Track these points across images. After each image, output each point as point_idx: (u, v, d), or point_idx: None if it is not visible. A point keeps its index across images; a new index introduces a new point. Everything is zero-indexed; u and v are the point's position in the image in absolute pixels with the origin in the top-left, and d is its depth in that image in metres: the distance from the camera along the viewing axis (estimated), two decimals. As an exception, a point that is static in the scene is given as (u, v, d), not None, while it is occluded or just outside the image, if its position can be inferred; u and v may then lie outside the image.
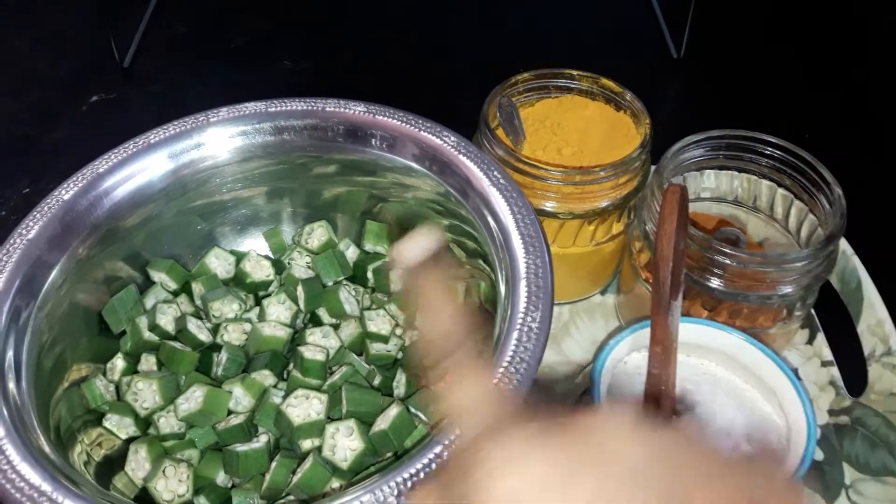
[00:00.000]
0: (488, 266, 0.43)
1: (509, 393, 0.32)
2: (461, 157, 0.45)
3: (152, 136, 0.47)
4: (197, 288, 0.49)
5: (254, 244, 0.53)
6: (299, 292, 0.49)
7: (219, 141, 0.48)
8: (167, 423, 0.43)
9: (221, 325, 0.47)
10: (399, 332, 0.47)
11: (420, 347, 0.26)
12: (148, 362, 0.45)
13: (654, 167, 0.49)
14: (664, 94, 0.82)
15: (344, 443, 0.41)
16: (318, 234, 0.51)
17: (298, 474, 0.40)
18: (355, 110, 0.48)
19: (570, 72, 0.54)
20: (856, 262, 0.54)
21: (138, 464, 0.41)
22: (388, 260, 0.48)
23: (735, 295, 0.45)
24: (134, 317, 0.46)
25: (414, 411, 0.42)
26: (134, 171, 0.46)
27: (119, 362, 0.45)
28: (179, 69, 0.84)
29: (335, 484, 0.40)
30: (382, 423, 0.41)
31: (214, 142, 0.48)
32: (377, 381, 0.45)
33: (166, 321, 0.46)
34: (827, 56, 0.86)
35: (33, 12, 0.92)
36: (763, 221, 0.52)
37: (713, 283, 0.45)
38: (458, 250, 0.48)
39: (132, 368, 0.46)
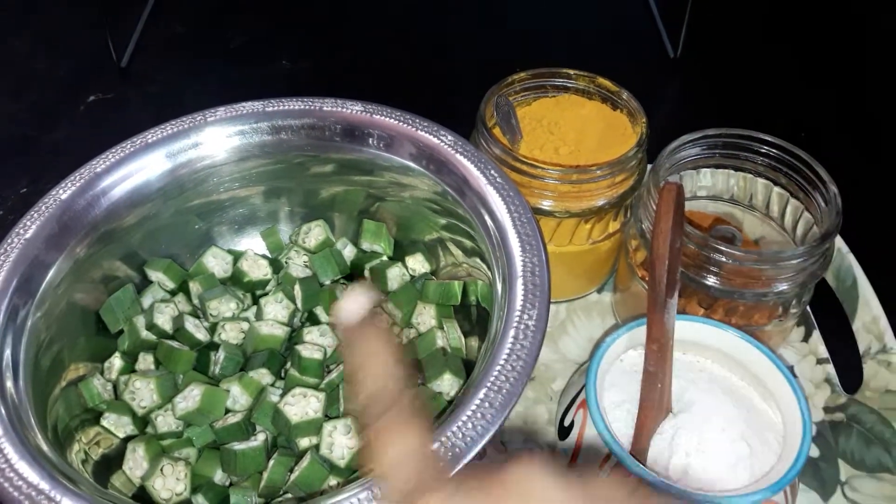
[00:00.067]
0: (485, 264, 0.43)
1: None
2: (458, 156, 0.45)
3: (150, 136, 0.47)
4: (194, 287, 0.49)
5: (251, 243, 0.53)
6: (296, 291, 0.49)
7: (216, 140, 0.48)
8: (165, 422, 0.43)
9: (219, 324, 0.47)
10: (396, 331, 0.48)
11: (357, 404, 0.26)
12: (145, 361, 0.46)
13: (650, 166, 0.49)
14: (661, 93, 0.82)
15: (341, 441, 0.41)
16: (316, 233, 0.52)
17: (296, 472, 0.40)
18: (352, 110, 0.48)
19: (567, 71, 0.54)
20: (851, 259, 0.54)
21: (136, 462, 0.41)
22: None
23: (731, 293, 0.45)
24: (131, 316, 0.46)
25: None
26: (131, 170, 0.46)
27: (117, 361, 0.46)
28: (177, 69, 0.84)
29: (333, 482, 0.41)
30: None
31: (212, 141, 0.48)
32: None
33: (164, 320, 0.46)
34: (824, 55, 0.86)
35: (32, 12, 0.92)
36: (759, 220, 0.52)
37: (709, 280, 0.45)
38: (455, 249, 0.48)
39: (130, 367, 0.46)
